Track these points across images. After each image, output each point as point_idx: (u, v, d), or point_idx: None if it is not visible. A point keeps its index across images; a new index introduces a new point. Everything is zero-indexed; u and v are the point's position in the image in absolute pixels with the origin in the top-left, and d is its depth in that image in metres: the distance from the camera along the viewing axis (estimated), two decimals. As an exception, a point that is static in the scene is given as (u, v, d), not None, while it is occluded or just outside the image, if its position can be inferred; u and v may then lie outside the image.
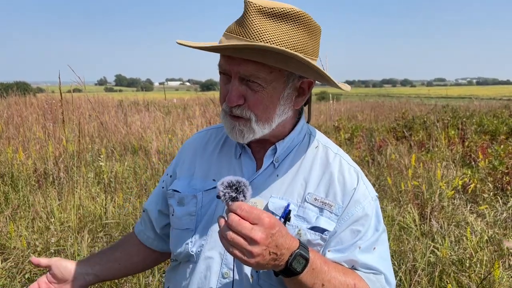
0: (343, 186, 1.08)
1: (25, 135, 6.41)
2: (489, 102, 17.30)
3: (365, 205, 1.08)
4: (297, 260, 0.89)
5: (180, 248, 1.13)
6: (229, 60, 0.99)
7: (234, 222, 0.84)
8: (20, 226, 3.44)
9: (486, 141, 6.97)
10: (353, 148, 7.19)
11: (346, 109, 15.40)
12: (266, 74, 0.98)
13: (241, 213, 0.85)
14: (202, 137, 1.26)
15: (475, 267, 2.85)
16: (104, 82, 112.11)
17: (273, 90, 1.01)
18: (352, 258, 1.04)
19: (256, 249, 0.84)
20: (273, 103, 1.02)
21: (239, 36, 0.96)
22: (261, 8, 0.95)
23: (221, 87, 1.06)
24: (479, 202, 4.42)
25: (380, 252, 1.07)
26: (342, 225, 1.05)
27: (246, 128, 1.03)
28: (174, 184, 1.20)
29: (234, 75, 0.99)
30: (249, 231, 0.83)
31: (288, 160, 1.12)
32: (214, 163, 1.17)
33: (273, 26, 0.96)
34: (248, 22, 0.96)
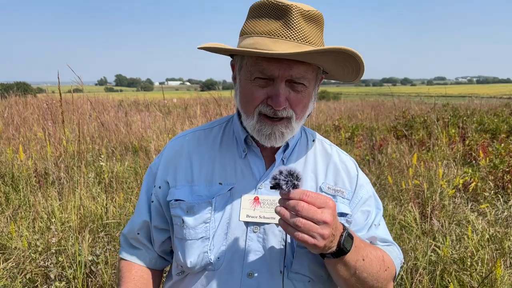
0: (347, 173, 1.18)
1: (25, 136, 6.41)
2: (490, 100, 17.28)
3: (368, 188, 1.20)
4: (346, 240, 0.95)
5: (196, 259, 1.08)
6: (277, 63, 0.99)
7: (304, 209, 0.86)
8: (21, 226, 3.44)
9: (487, 140, 6.97)
10: (353, 147, 7.19)
11: (346, 108, 15.39)
12: (311, 75, 1.04)
13: (307, 199, 0.88)
14: (191, 140, 1.20)
15: (476, 266, 2.85)
16: (104, 82, 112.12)
17: (311, 89, 1.07)
18: (373, 235, 1.15)
19: (327, 230, 0.88)
20: (310, 100, 1.08)
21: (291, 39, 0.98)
22: (303, 11, 0.99)
23: (252, 91, 1.03)
24: (480, 201, 4.42)
25: (384, 227, 1.21)
26: (354, 208, 1.16)
27: (287, 129, 1.06)
28: (174, 193, 1.13)
29: (281, 78, 1.00)
30: (320, 214, 0.87)
31: (294, 156, 1.17)
32: (216, 166, 1.14)
33: (312, 29, 1.02)
34: (296, 25, 0.99)
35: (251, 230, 1.08)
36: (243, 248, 1.07)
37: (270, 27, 0.99)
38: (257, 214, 1.08)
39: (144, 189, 1.22)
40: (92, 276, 2.79)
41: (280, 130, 1.04)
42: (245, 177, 1.12)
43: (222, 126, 1.22)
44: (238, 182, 1.12)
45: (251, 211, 1.09)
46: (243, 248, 1.07)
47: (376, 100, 20.56)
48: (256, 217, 1.08)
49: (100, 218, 3.55)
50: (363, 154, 6.56)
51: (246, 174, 1.13)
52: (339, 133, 7.98)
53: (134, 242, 1.23)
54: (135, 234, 1.22)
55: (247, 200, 1.09)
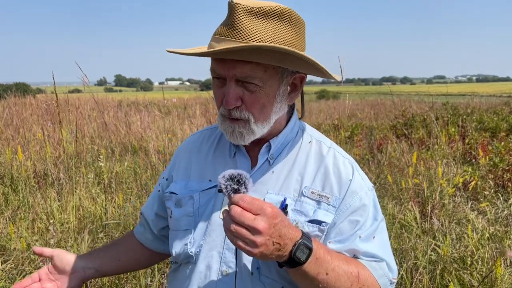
0: (338, 178, 1.10)
1: (24, 136, 6.40)
2: (489, 99, 17.28)
3: (362, 195, 1.09)
4: (300, 250, 0.90)
5: (179, 249, 1.13)
6: (222, 63, 0.99)
7: (237, 214, 0.84)
8: (20, 227, 3.43)
9: (487, 138, 6.96)
10: (353, 147, 7.18)
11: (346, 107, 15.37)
12: (262, 74, 0.99)
13: (243, 204, 0.86)
14: (196, 139, 1.27)
15: (477, 265, 2.84)
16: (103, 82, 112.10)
17: (269, 89, 1.02)
18: (353, 248, 1.06)
19: (260, 239, 0.85)
20: (269, 101, 1.04)
21: (231, 38, 0.96)
22: (249, 8, 0.96)
23: (215, 91, 1.06)
24: (480, 200, 4.42)
25: (380, 241, 1.09)
26: (341, 216, 1.07)
27: (246, 130, 1.04)
28: (171, 186, 1.21)
29: (229, 78, 1.00)
30: (252, 221, 0.84)
31: (283, 156, 1.14)
32: (210, 163, 1.19)
33: (263, 26, 0.97)
34: (237, 23, 0.96)
35: None
36: (221, 245, 1.08)
37: (221, 28, 1.00)
38: None
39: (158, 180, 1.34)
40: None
41: (238, 130, 1.04)
42: None
43: None
44: None
45: None
46: (221, 245, 1.08)
47: (375, 99, 20.56)
48: None
49: (100, 219, 3.54)
50: (362, 153, 6.56)
51: None
52: (339, 132, 7.97)
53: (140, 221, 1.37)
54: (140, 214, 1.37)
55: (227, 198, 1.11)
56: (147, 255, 1.36)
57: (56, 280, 1.19)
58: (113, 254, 1.31)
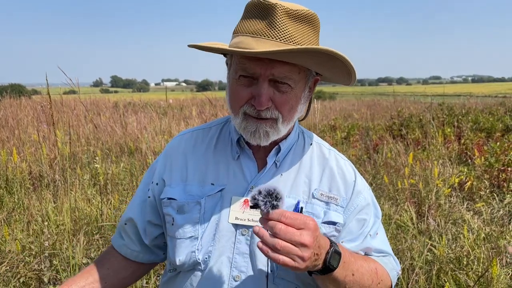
0: (343, 179, 1.14)
1: (19, 138, 6.37)
2: (485, 99, 17.34)
3: (366, 195, 1.16)
4: (333, 257, 0.92)
5: (184, 257, 1.09)
6: (260, 62, 0.98)
7: (282, 231, 0.84)
8: (15, 229, 3.41)
9: (482, 139, 6.99)
10: (349, 147, 7.19)
11: (342, 108, 15.41)
12: (296, 75, 1.01)
13: (286, 220, 0.85)
14: (188, 140, 1.22)
15: (473, 265, 2.85)
16: (99, 83, 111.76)
17: (298, 90, 1.04)
18: (367, 246, 1.12)
19: (307, 253, 0.85)
20: (297, 102, 1.05)
21: (272, 38, 0.96)
22: (288, 10, 0.97)
23: (238, 90, 1.03)
24: (475, 200, 4.43)
25: (382, 236, 1.17)
26: (349, 216, 1.12)
27: (272, 129, 1.04)
28: (167, 191, 1.15)
29: (264, 77, 0.99)
30: (299, 237, 0.84)
31: (289, 159, 1.14)
32: (210, 166, 1.15)
33: (299, 28, 0.99)
34: (279, 24, 0.97)
35: (240, 232, 1.07)
36: (231, 250, 1.07)
37: (256, 26, 0.98)
38: (246, 217, 1.07)
39: (142, 184, 1.24)
40: (87, 279, 2.77)
41: (264, 128, 1.03)
42: (236, 179, 1.11)
43: (219, 127, 1.22)
44: (230, 183, 1.11)
45: (240, 213, 1.08)
46: (231, 250, 1.07)
47: (372, 99, 20.60)
48: (244, 219, 1.07)
49: (95, 220, 3.52)
50: (359, 154, 6.56)
51: (238, 175, 1.12)
52: (335, 133, 7.98)
53: (122, 231, 1.25)
54: (123, 224, 1.25)
55: (236, 202, 1.08)
56: (137, 268, 1.26)
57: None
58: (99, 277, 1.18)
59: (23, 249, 3.01)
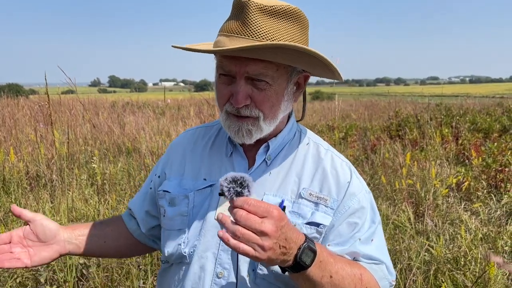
0: (336, 180, 1.10)
1: (17, 138, 6.35)
2: (482, 100, 17.39)
3: (360, 197, 1.10)
4: (305, 253, 0.89)
5: (172, 249, 1.11)
6: (234, 60, 0.97)
7: (243, 217, 0.82)
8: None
9: (480, 139, 7.01)
10: (347, 148, 7.19)
11: (340, 108, 15.42)
12: (273, 72, 0.99)
13: (248, 207, 0.83)
14: (191, 136, 1.25)
15: (470, 265, 2.85)
16: (97, 83, 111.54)
17: (278, 87, 1.01)
18: (353, 250, 1.06)
19: (267, 242, 0.82)
20: (278, 100, 1.03)
21: (244, 36, 0.95)
22: (261, 6, 0.95)
23: (220, 88, 1.04)
24: (473, 200, 4.44)
25: (378, 243, 1.10)
26: (339, 218, 1.07)
27: (255, 127, 1.03)
28: (164, 184, 1.18)
29: (240, 75, 0.98)
30: (259, 224, 0.82)
31: (280, 158, 1.13)
32: (205, 162, 1.16)
33: (275, 25, 0.96)
34: (251, 21, 0.95)
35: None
36: (216, 247, 1.07)
37: (231, 25, 0.98)
38: None
39: (149, 176, 1.29)
40: (84, 280, 2.76)
41: (246, 127, 1.02)
42: None
43: (220, 126, 1.22)
44: None
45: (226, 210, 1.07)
46: (216, 247, 1.07)
47: (369, 100, 20.63)
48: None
49: (93, 220, 3.51)
50: (356, 154, 6.57)
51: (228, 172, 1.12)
52: (333, 133, 7.98)
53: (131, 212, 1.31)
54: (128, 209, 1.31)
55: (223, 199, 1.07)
56: (135, 244, 1.30)
57: (29, 247, 1.07)
58: (100, 234, 1.23)
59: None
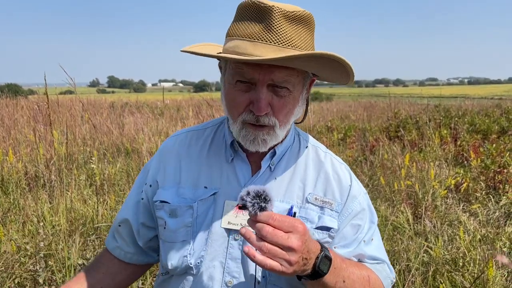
0: (339, 183, 1.11)
1: (15, 138, 6.34)
2: (481, 101, 17.42)
3: (361, 200, 1.13)
4: (323, 262, 0.90)
5: (176, 262, 1.07)
6: (258, 68, 0.94)
7: (269, 233, 0.81)
8: (10, 229, 3.39)
9: (478, 140, 7.01)
10: (346, 148, 7.20)
11: (339, 109, 15.43)
12: (295, 78, 0.98)
13: (273, 223, 0.83)
14: (183, 141, 1.19)
15: (469, 266, 2.85)
16: (96, 84, 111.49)
17: (297, 93, 1.01)
18: (360, 252, 1.09)
19: (294, 257, 0.83)
20: (294, 105, 1.03)
21: (271, 43, 0.93)
22: (285, 12, 0.94)
23: (235, 95, 0.99)
24: (471, 201, 4.44)
25: (377, 243, 1.14)
26: (343, 221, 1.09)
27: (270, 136, 1.01)
28: (160, 194, 1.12)
29: (262, 83, 0.95)
30: (286, 240, 0.82)
31: (283, 163, 1.12)
32: (203, 169, 1.12)
33: (296, 30, 0.95)
34: (277, 27, 0.93)
35: (232, 237, 1.05)
36: (224, 255, 1.05)
37: (252, 30, 0.95)
38: (238, 221, 1.05)
39: (136, 186, 1.22)
40: (83, 280, 2.75)
41: (262, 137, 1.00)
42: (230, 183, 1.09)
43: (214, 128, 1.19)
44: (223, 187, 1.09)
45: (233, 218, 1.05)
46: (224, 255, 1.05)
47: (368, 101, 20.64)
48: (237, 224, 1.05)
49: (91, 221, 3.51)
50: (355, 155, 6.57)
51: (231, 179, 1.09)
52: (332, 134, 7.98)
53: (116, 233, 1.23)
54: (117, 226, 1.23)
55: (229, 206, 1.06)
56: (132, 271, 1.25)
57: None
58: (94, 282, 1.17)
59: (19, 249, 2.99)
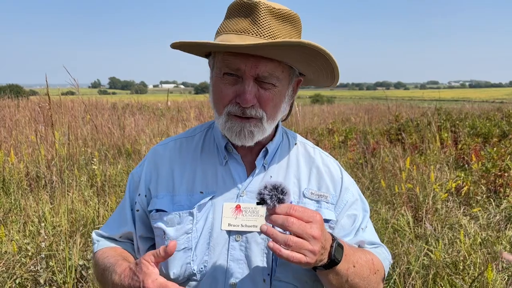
0: (331, 177, 1.16)
1: (17, 138, 6.35)
2: (482, 104, 17.43)
3: (353, 190, 1.18)
4: (337, 250, 0.93)
5: (179, 270, 1.06)
6: (244, 59, 0.98)
7: (295, 224, 0.83)
8: (11, 230, 3.40)
9: (479, 144, 7.00)
10: (347, 151, 7.19)
11: (340, 112, 15.44)
12: (280, 73, 1.01)
13: (295, 213, 0.85)
14: (173, 148, 1.18)
15: (469, 270, 2.86)
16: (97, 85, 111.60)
17: (282, 88, 1.04)
18: (360, 239, 1.14)
19: (316, 246, 0.85)
20: (280, 101, 1.05)
21: (256, 35, 0.97)
22: (271, 8, 0.99)
23: (222, 89, 1.03)
24: (472, 205, 4.44)
25: (371, 229, 1.19)
26: (340, 212, 1.13)
27: (257, 128, 1.03)
28: (154, 203, 1.11)
29: (248, 75, 0.99)
30: (309, 229, 0.84)
31: (276, 161, 1.15)
32: (198, 174, 1.12)
33: (281, 26, 1.00)
34: (263, 21, 0.98)
35: (233, 239, 1.06)
36: (225, 258, 1.05)
37: (239, 25, 1.00)
38: (239, 222, 1.06)
39: (127, 198, 1.18)
40: (83, 281, 2.76)
41: (249, 128, 1.02)
42: (226, 185, 1.10)
43: (203, 133, 1.20)
44: (219, 189, 1.10)
45: (232, 219, 1.06)
46: (225, 258, 1.05)
47: (369, 104, 20.64)
48: (238, 225, 1.06)
49: (92, 222, 3.52)
50: (356, 158, 6.57)
51: (227, 181, 1.10)
52: (333, 137, 7.99)
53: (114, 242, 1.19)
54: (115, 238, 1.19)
55: (228, 208, 1.07)
56: None
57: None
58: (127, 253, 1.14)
59: (20, 250, 3.00)
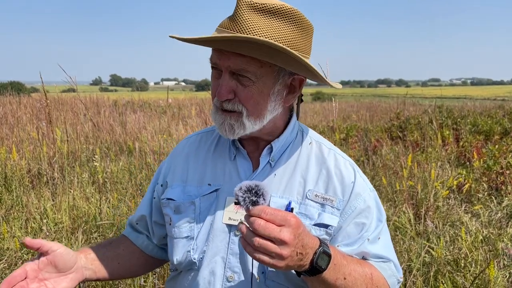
0: (341, 180, 1.10)
1: (19, 135, 6.36)
2: (483, 102, 17.40)
3: (366, 197, 1.10)
4: (321, 258, 0.89)
5: (180, 257, 1.10)
6: (220, 54, 0.99)
7: (261, 227, 0.81)
8: (13, 227, 3.41)
9: (481, 141, 7.00)
10: (348, 149, 7.19)
11: (341, 109, 15.42)
12: (256, 69, 0.98)
13: (265, 216, 0.83)
14: (193, 142, 1.24)
15: (470, 267, 2.86)
16: (99, 82, 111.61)
17: (263, 85, 1.01)
18: (363, 250, 1.07)
19: (286, 251, 0.82)
20: (263, 98, 1.02)
21: (231, 30, 0.97)
22: (252, 4, 0.96)
23: (212, 82, 1.06)
24: (473, 202, 4.44)
25: (385, 241, 1.11)
26: (347, 219, 1.08)
27: (237, 123, 1.02)
28: (168, 192, 1.16)
29: (224, 69, 1.00)
30: (278, 233, 0.82)
31: (284, 159, 1.13)
32: (209, 167, 1.16)
33: (264, 22, 0.96)
34: (239, 17, 0.97)
35: (233, 233, 1.07)
36: (225, 251, 1.07)
37: (224, 21, 1.01)
38: (239, 217, 1.06)
39: (151, 185, 1.27)
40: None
41: (229, 121, 1.03)
42: (232, 179, 1.11)
43: None
44: (225, 183, 1.11)
45: (233, 214, 1.07)
46: (225, 251, 1.07)
47: (371, 101, 20.62)
48: (237, 220, 1.06)
49: (94, 219, 3.52)
50: (357, 155, 6.57)
51: (233, 176, 1.12)
52: (334, 134, 7.98)
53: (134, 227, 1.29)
54: (134, 223, 1.28)
55: (231, 202, 1.08)
56: (144, 261, 1.27)
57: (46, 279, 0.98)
58: (113, 256, 1.18)
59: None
